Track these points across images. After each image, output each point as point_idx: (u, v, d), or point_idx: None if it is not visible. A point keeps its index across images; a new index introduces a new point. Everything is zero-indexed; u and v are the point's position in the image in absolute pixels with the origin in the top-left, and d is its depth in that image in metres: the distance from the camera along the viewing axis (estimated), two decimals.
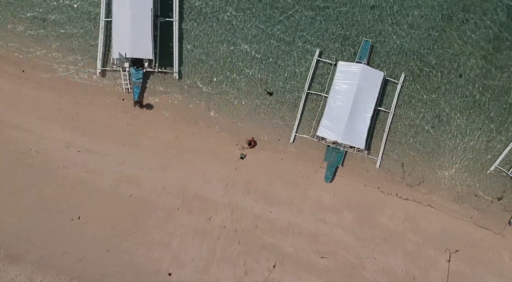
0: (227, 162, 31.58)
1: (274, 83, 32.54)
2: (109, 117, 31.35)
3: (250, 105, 32.40)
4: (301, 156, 32.11)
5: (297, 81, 32.59)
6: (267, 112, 32.48)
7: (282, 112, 32.49)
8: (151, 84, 32.03)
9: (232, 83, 32.41)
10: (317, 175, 31.75)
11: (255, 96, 32.45)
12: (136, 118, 31.45)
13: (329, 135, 30.57)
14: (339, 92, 30.81)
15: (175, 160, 31.28)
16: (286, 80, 32.59)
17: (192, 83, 32.26)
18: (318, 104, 32.26)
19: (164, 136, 31.51)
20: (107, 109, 31.51)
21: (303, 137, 31.91)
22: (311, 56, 32.38)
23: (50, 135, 30.51)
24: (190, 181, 31.12)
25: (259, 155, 31.92)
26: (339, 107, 30.66)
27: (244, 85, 32.43)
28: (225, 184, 31.35)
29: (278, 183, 31.69)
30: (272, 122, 32.40)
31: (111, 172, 30.72)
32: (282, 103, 32.49)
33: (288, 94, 32.53)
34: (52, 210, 29.60)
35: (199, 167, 31.31)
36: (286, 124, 32.38)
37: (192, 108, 32.13)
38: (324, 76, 32.50)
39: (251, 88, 32.45)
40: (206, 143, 31.78)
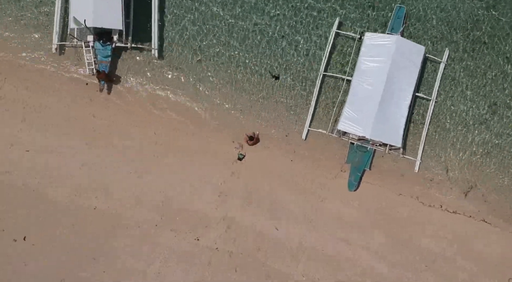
0: (220, 165, 24.55)
1: (280, 64, 25.78)
2: (68, 108, 24.44)
3: (250, 92, 25.75)
4: (316, 157, 24.90)
5: (311, 61, 25.73)
6: (272, 101, 25.43)
7: (292, 100, 25.39)
8: (123, 64, 25.22)
9: (229, 64, 25.79)
10: (337, 181, 24.59)
11: (257, 80, 25.79)
12: (104, 109, 24.71)
13: (354, 130, 23.40)
14: (366, 73, 23.65)
15: (154, 162, 24.32)
16: (297, 60, 25.65)
17: (176, 64, 25.41)
18: (338, 90, 25.24)
19: (140, 132, 24.58)
20: (66, 97, 24.59)
21: (319, 132, 24.78)
22: (328, 28, 25.51)
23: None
24: (172, 190, 24.16)
25: (262, 155, 24.85)
26: (366, 93, 23.48)
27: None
28: (219, 193, 24.34)
29: (286, 192, 24.56)
30: (279, 113, 25.30)
31: (69, 177, 23.80)
32: (292, 89, 25.41)
33: (299, 78, 25.64)
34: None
35: (185, 171, 24.32)
36: (296, 116, 25.22)
37: (176, 95, 25.51)
38: (345, 54, 25.54)
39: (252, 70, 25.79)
40: (194, 140, 24.78)
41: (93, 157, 24.05)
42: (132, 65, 25.16)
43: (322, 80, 25.05)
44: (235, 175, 24.54)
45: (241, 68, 25.40)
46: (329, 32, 25.07)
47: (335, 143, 24.99)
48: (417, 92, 24.47)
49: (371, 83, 23.45)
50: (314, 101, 24.89)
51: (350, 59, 24.64)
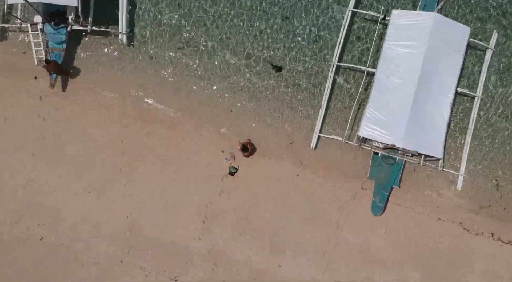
0: (206, 181, 18.95)
1: (284, 53, 20.58)
2: (10, 108, 19.43)
3: (244, 88, 20.18)
4: (330, 171, 19.33)
5: (322, 49, 20.44)
6: (272, 100, 20.07)
7: (298, 99, 20.02)
8: (81, 53, 19.90)
9: (216, 53, 20.57)
10: (358, 203, 18.96)
11: (254, 72, 20.28)
12: (56, 110, 19.22)
13: (380, 136, 17.85)
14: (394, 62, 18.17)
15: (119, 178, 18.79)
16: (304, 48, 20.33)
17: (151, 53, 20.02)
18: (357, 86, 19.96)
19: (102, 139, 19.23)
20: (8, 94, 19.52)
21: (332, 139, 19.32)
22: (342, 8, 20.22)
23: None
24: (143, 214, 18.59)
25: (259, 169, 19.26)
26: (395, 88, 17.98)
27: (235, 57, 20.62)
28: (203, 218, 18.73)
29: (291, 217, 18.89)
30: (281, 115, 19.86)
31: (7, 197, 18.42)
32: (297, 85, 20.08)
33: (306, 70, 20.36)
34: None
35: (159, 189, 18.78)
36: (304, 119, 19.78)
37: (149, 92, 19.92)
38: (365, 40, 20.20)
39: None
40: (171, 149, 19.39)
41: (40, 172, 18.61)
42: (93, 54, 19.91)
43: (336, 73, 19.86)
44: (225, 194, 19.05)
45: (233, 57, 20.29)
46: (344, 12, 20.02)
47: (353, 153, 19.44)
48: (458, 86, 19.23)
49: (401, 75, 17.99)
50: (325, 100, 19.37)
51: (371, 45, 19.35)
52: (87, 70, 19.71)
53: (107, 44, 19.87)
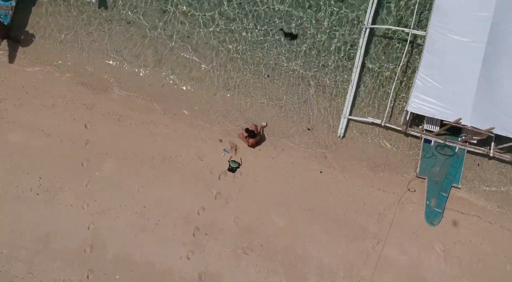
0: (196, 180, 14.04)
1: (299, 17, 16.11)
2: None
3: (248, 60, 15.41)
4: (363, 167, 14.51)
5: (347, 11, 16.03)
6: (284, 72, 15.22)
7: (318, 73, 15.31)
8: (37, 15, 15.39)
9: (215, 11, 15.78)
10: (404, 209, 13.89)
11: (260, 36, 15.52)
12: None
13: (436, 111, 12.95)
14: (451, 14, 13.39)
15: (79, 174, 13.97)
16: (326, 10, 15.96)
17: (130, 16, 15.49)
18: (398, 55, 15.12)
19: (59, 124, 14.30)
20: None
21: (365, 125, 14.71)
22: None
23: None
24: (109, 225, 13.58)
25: (267, 163, 14.37)
26: (455, 49, 13.18)
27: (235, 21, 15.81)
28: (193, 229, 13.61)
29: (314, 228, 13.88)
30: (295, 91, 15.14)
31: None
32: (316, 56, 15.48)
33: (328, 37, 15.60)
34: None
35: (132, 190, 13.82)
36: (326, 98, 14.98)
37: (124, 69, 15.22)
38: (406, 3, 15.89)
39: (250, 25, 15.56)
40: (150, 139, 14.70)
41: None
42: (53, 18, 15.55)
43: (369, 40, 15.44)
44: (223, 198, 14.13)
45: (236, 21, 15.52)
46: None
47: (394, 142, 14.61)
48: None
49: (462, 31, 13.25)
50: (356, 73, 14.72)
51: (415, 7, 14.77)
52: (43, 37, 15.33)
53: (73, 4, 15.62)
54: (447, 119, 12.75)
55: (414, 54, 14.87)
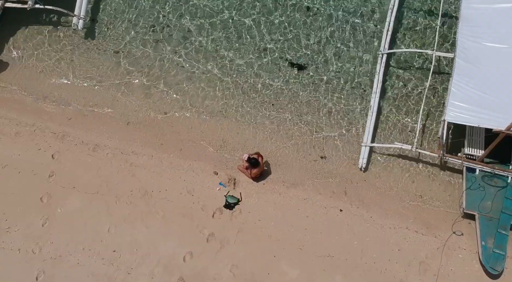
0: (185, 219, 11.10)
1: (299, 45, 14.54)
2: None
3: (248, 92, 13.40)
4: (393, 203, 11.61)
5: (363, 40, 14.22)
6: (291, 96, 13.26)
7: (329, 98, 13.31)
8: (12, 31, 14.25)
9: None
10: (452, 256, 10.70)
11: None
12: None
13: (481, 119, 10.49)
14: (480, 23, 11.58)
15: (35, 210, 11.13)
16: (337, 38, 14.24)
17: (111, 44, 13.96)
18: (421, 76, 13.34)
19: (22, 156, 11.82)
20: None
21: (389, 154, 12.31)
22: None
23: None
24: (65, 275, 10.42)
25: (273, 199, 11.55)
26: (490, 55, 11.15)
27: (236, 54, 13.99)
28: (176, 280, 10.93)
29: (336, 279, 10.51)
30: (302, 121, 12.94)
31: None
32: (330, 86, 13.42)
33: (340, 69, 13.91)
34: None
35: (101, 238, 10.85)
36: (339, 124, 12.66)
37: (102, 91, 13.29)
38: (424, 29, 13.87)
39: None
40: (129, 174, 11.77)
41: None
42: (33, 42, 14.07)
43: (387, 64, 13.69)
44: (216, 241, 10.94)
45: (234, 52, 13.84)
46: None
47: (429, 172, 12.27)
48: None
49: (497, 38, 11.52)
50: (376, 99, 12.64)
51: (435, 31, 13.03)
52: (14, 60, 13.67)
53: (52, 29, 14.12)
54: (495, 126, 10.47)
55: (437, 75, 13.19)
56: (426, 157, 12.22)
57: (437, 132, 11.98)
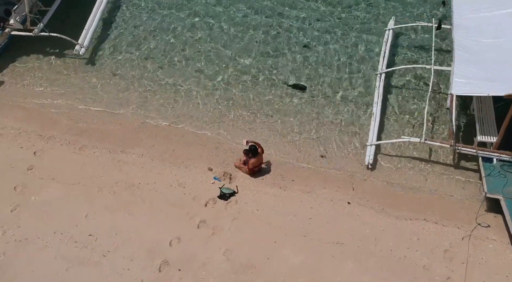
0: (174, 208, 9.92)
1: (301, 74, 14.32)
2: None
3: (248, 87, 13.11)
4: (405, 196, 10.47)
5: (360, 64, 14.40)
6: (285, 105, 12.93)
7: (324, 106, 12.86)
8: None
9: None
10: (481, 247, 9.32)
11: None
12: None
13: (488, 89, 10.17)
14: (472, 29, 11.90)
15: (4, 204, 9.97)
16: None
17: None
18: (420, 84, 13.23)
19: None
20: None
21: (401, 150, 11.59)
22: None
23: None
24: (29, 264, 8.96)
25: (273, 192, 10.44)
26: (487, 49, 11.28)
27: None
28: (158, 264, 8.75)
29: (348, 265, 8.89)
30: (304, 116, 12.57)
31: None
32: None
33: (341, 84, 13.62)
34: None
35: (76, 222, 9.62)
36: (345, 134, 12.25)
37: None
38: (417, 49, 14.37)
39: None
40: (116, 169, 10.84)
41: None
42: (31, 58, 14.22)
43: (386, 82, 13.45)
44: (208, 227, 9.61)
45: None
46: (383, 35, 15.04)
47: (441, 167, 11.27)
48: None
49: (492, 35, 11.70)
50: (379, 95, 12.58)
51: (431, 47, 13.25)
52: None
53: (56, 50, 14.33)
54: (504, 93, 9.98)
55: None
56: (437, 152, 11.55)
57: (445, 122, 11.71)
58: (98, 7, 15.62)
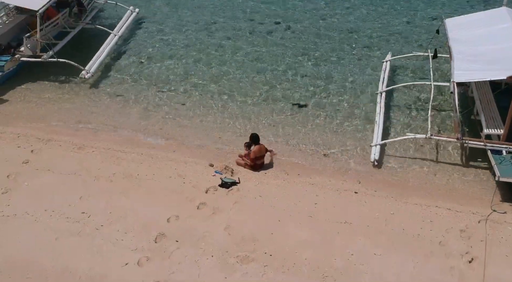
0: (173, 193, 9.52)
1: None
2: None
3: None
4: (414, 188, 10.22)
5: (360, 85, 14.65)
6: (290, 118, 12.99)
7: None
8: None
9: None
10: (500, 229, 8.73)
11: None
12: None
13: (488, 74, 10.72)
14: (468, 43, 12.33)
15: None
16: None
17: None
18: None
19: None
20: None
21: (406, 150, 11.45)
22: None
23: None
24: (15, 234, 8.44)
25: (277, 182, 10.11)
26: (483, 53, 11.66)
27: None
28: (154, 236, 8.22)
29: (358, 241, 8.30)
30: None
31: None
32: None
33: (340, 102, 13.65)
34: None
35: (69, 202, 9.20)
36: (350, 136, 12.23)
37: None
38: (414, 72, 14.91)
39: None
40: (114, 163, 10.53)
41: None
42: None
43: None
44: (208, 208, 9.07)
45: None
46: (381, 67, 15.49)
47: (447, 163, 10.97)
48: None
49: (487, 43, 12.07)
50: (381, 110, 12.64)
51: (429, 67, 13.53)
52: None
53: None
54: (504, 76, 10.01)
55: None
56: (444, 150, 11.49)
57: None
58: (109, 43, 16.61)
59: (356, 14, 18.95)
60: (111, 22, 18.20)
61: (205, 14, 19.17)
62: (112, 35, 17.00)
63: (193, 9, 19.80)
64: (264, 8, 19.56)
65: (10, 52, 15.05)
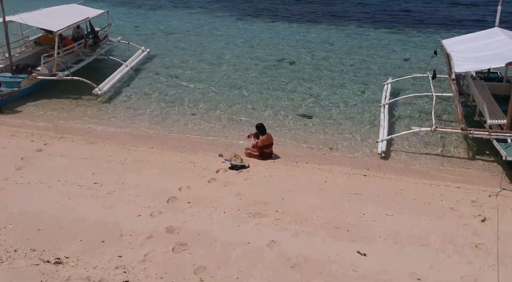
0: (185, 172, 9.72)
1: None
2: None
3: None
4: (422, 172, 10.39)
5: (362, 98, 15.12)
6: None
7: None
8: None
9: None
10: (509, 202, 8.79)
11: None
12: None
13: (487, 63, 11.34)
14: (467, 51, 12.99)
15: (9, 166, 9.86)
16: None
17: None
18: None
19: (11, 143, 11.15)
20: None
21: (411, 147, 11.73)
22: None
23: None
24: (28, 194, 8.64)
25: (286, 168, 10.27)
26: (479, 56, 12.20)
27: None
28: (166, 198, 8.35)
29: (369, 206, 8.35)
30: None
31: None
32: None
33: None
34: None
35: (81, 175, 9.46)
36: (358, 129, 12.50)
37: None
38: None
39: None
40: (126, 153, 10.74)
41: None
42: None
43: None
44: (219, 182, 9.20)
45: None
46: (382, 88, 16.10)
47: (454, 155, 11.17)
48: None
49: (484, 50, 12.72)
50: (385, 119, 12.90)
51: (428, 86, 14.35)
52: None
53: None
54: (503, 63, 10.48)
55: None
56: (449, 143, 11.86)
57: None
58: (121, 70, 17.42)
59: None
60: (123, 57, 19.28)
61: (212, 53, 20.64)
62: (124, 65, 18.01)
63: (202, 51, 21.21)
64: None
65: (28, 71, 15.95)
